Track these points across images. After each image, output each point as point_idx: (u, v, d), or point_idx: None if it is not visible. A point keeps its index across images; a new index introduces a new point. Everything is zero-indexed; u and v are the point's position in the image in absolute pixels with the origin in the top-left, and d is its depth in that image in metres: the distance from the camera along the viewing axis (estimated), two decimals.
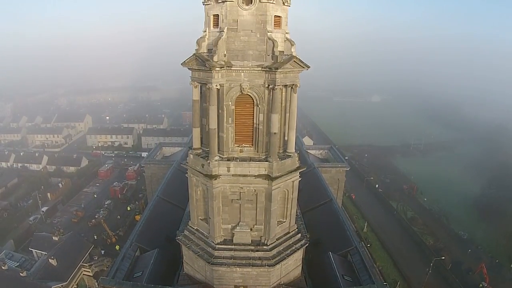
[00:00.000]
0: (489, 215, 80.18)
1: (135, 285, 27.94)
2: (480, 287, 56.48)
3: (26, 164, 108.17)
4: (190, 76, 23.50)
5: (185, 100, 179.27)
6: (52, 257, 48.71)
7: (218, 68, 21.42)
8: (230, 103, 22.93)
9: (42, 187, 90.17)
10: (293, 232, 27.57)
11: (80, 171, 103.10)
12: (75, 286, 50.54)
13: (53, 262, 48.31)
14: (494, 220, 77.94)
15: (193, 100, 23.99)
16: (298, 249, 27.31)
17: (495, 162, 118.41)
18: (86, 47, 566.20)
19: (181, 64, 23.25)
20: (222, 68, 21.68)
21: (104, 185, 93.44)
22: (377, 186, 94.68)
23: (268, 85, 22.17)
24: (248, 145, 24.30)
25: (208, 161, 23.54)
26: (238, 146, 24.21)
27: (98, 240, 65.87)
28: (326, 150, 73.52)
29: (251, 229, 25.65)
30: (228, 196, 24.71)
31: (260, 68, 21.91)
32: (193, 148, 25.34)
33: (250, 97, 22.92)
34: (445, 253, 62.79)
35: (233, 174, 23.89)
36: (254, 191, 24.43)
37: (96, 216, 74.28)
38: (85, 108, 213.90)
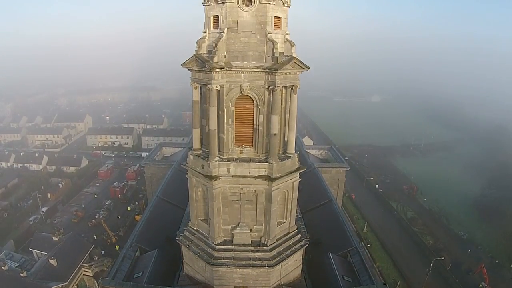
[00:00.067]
0: (489, 215, 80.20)
1: (135, 286, 28.09)
2: (480, 287, 56.58)
3: (26, 164, 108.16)
4: (190, 77, 23.51)
5: (185, 100, 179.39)
6: (52, 258, 48.83)
7: (218, 69, 21.44)
8: (230, 104, 22.94)
9: (42, 187, 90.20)
10: (293, 233, 27.61)
11: (80, 171, 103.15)
12: (75, 287, 50.63)
13: (53, 263, 48.42)
14: (494, 220, 77.92)
15: (193, 101, 24.03)
16: (298, 250, 27.36)
17: (495, 162, 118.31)
18: (86, 47, 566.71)
19: (181, 65, 23.30)
20: (222, 69, 21.68)
21: (104, 185, 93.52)
22: (377, 186, 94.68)
23: (268, 86, 22.18)
24: (248, 146, 24.32)
25: (208, 162, 23.58)
26: (238, 147, 24.24)
27: (98, 241, 65.92)
28: (326, 151, 73.65)
29: (251, 230, 25.69)
30: (228, 197, 24.74)
31: (260, 69, 21.92)
32: (193, 149, 25.36)
33: (250, 98, 22.94)
34: (445, 253, 62.86)
35: (233, 175, 23.92)
36: (254, 192, 24.47)
37: (96, 217, 74.36)
38: (85, 108, 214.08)
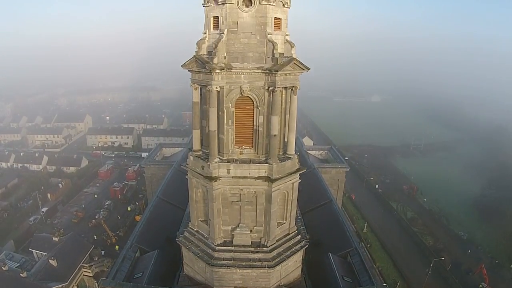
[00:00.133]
0: (489, 216, 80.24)
1: (136, 286, 28.15)
2: (480, 287, 56.60)
3: (26, 165, 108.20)
4: (190, 78, 23.50)
5: (185, 100, 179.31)
6: (53, 258, 48.89)
7: (218, 70, 21.41)
8: (230, 105, 22.92)
9: (42, 188, 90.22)
10: (293, 234, 27.60)
11: (80, 172, 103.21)
12: (75, 287, 50.66)
13: (54, 263, 48.47)
14: (494, 221, 77.98)
15: (193, 102, 24.00)
16: (298, 251, 27.34)
17: (495, 162, 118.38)
18: (86, 47, 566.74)
19: (181, 66, 23.30)
20: (222, 70, 21.66)
21: (104, 186, 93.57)
22: (377, 187, 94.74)
23: (268, 87, 22.16)
24: (248, 147, 24.30)
25: (208, 163, 23.57)
26: (238, 148, 24.22)
27: (98, 241, 65.98)
28: (326, 151, 73.66)
29: (251, 231, 25.68)
30: (228, 198, 24.73)
31: (260, 70, 21.89)
32: (193, 150, 25.33)
33: (250, 99, 22.92)
34: (445, 254, 62.96)
35: (233, 176, 23.91)
36: (254, 193, 24.45)
37: (96, 217, 74.43)
38: (85, 108, 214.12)
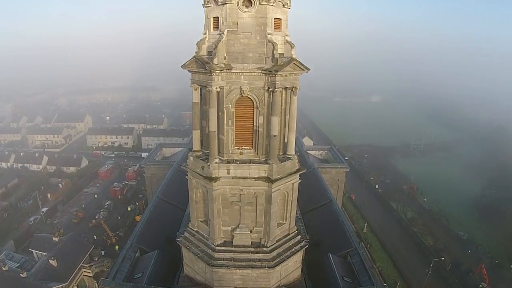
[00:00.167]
0: (489, 216, 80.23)
1: (136, 287, 28.15)
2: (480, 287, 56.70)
3: (26, 165, 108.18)
4: (190, 79, 23.49)
5: (185, 100, 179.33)
6: (53, 258, 48.89)
7: (218, 71, 21.41)
8: (230, 106, 22.93)
9: (42, 188, 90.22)
10: (293, 234, 27.62)
11: (80, 172, 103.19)
12: (76, 287, 50.67)
13: (54, 263, 48.47)
14: (494, 221, 77.96)
15: (193, 103, 24.00)
16: (298, 251, 27.37)
17: (495, 162, 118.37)
18: (86, 47, 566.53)
19: (181, 67, 23.30)
20: (222, 71, 21.66)
21: (104, 186, 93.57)
22: (377, 187, 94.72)
23: (268, 88, 22.15)
24: (248, 148, 24.30)
25: (208, 164, 23.58)
26: (238, 149, 24.22)
27: (98, 241, 65.97)
28: (326, 151, 73.62)
29: (251, 231, 25.70)
30: (228, 198, 24.74)
31: (260, 71, 21.90)
32: (193, 150, 25.34)
33: (250, 100, 22.92)
34: (445, 254, 62.95)
35: (233, 177, 23.92)
36: (254, 193, 24.46)
37: (96, 217, 74.43)
38: (85, 108, 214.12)
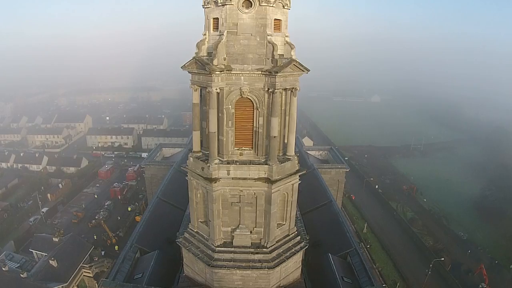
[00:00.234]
0: (489, 216, 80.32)
1: (136, 287, 28.08)
2: None
3: (26, 165, 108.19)
4: (190, 80, 23.50)
5: (185, 101, 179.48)
6: (53, 258, 48.90)
7: (218, 72, 21.40)
8: (230, 107, 22.92)
9: (42, 188, 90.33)
10: (293, 235, 27.63)
11: (80, 172, 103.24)
12: (76, 287, 50.69)
13: (54, 263, 48.48)
14: (494, 221, 78.07)
15: (193, 104, 24.00)
16: (298, 252, 27.37)
17: (495, 163, 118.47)
18: (86, 47, 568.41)
19: (181, 68, 23.30)
20: (222, 72, 21.65)
21: (104, 186, 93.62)
22: (377, 187, 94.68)
23: (268, 89, 22.15)
24: (248, 148, 24.30)
25: (208, 164, 23.59)
26: (238, 149, 24.22)
27: (98, 241, 65.99)
28: (326, 151, 73.63)
29: (251, 232, 25.71)
30: (228, 199, 24.76)
31: (260, 72, 21.89)
32: (193, 151, 25.35)
33: (250, 101, 22.92)
34: (445, 254, 63.00)
35: (233, 177, 23.92)
36: (254, 194, 24.47)
37: (96, 217, 74.45)
38: (85, 108, 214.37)
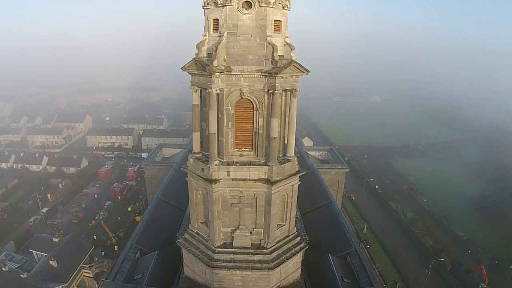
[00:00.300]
0: (489, 216, 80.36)
1: None
2: None
3: (26, 165, 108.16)
4: (190, 81, 23.51)
5: (185, 101, 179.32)
6: (53, 259, 48.90)
7: (218, 73, 21.41)
8: (230, 108, 22.93)
9: (42, 188, 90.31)
10: (293, 235, 27.65)
11: (80, 172, 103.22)
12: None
13: (54, 264, 48.50)
14: (494, 221, 78.11)
15: (193, 104, 24.01)
16: (298, 252, 27.38)
17: (495, 163, 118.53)
18: (86, 47, 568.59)
19: (181, 69, 23.32)
20: (222, 73, 21.65)
21: (104, 186, 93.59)
22: (377, 187, 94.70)
23: (268, 90, 22.17)
24: (248, 150, 24.32)
25: (208, 165, 23.61)
26: (238, 150, 24.24)
27: (98, 241, 66.00)
28: (326, 152, 73.64)
29: (251, 233, 25.73)
30: (228, 200, 24.78)
31: (260, 73, 21.90)
32: (193, 152, 25.37)
33: (250, 102, 22.94)
34: (445, 254, 63.07)
35: (233, 178, 23.94)
36: (254, 195, 24.49)
37: (96, 217, 74.44)
38: (85, 109, 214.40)
